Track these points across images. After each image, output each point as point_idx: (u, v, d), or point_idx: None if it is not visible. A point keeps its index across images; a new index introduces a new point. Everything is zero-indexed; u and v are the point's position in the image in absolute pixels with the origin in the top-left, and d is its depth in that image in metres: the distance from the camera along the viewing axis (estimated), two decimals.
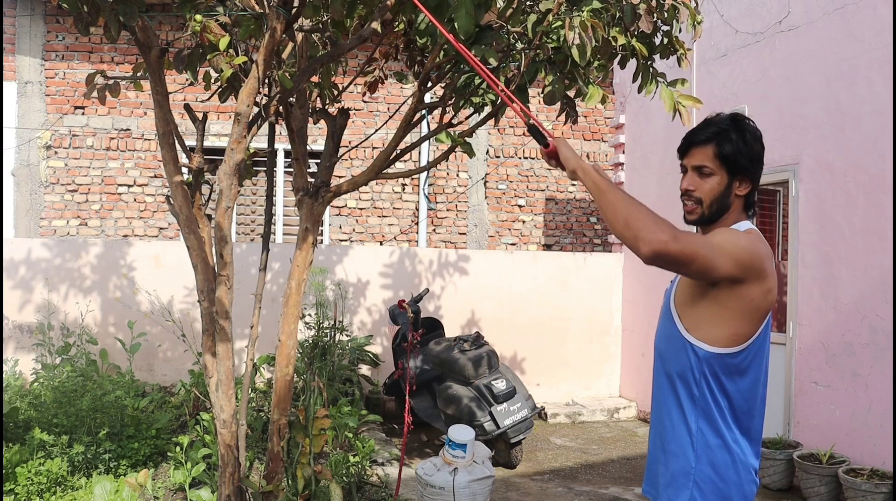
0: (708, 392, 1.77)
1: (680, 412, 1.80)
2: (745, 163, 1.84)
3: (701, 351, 1.76)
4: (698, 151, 1.85)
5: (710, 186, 1.85)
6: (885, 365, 4.40)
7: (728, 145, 1.83)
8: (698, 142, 1.86)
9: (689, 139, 1.87)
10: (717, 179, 1.84)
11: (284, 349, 3.22)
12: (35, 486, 3.81)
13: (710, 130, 1.84)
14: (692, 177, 1.86)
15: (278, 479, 3.25)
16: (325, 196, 3.22)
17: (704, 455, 1.77)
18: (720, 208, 1.86)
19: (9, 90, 7.16)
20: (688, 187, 1.87)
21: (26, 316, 6.11)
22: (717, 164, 1.83)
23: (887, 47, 4.44)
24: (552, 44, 2.82)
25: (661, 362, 1.88)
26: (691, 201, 1.87)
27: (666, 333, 1.87)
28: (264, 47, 2.58)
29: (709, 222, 1.88)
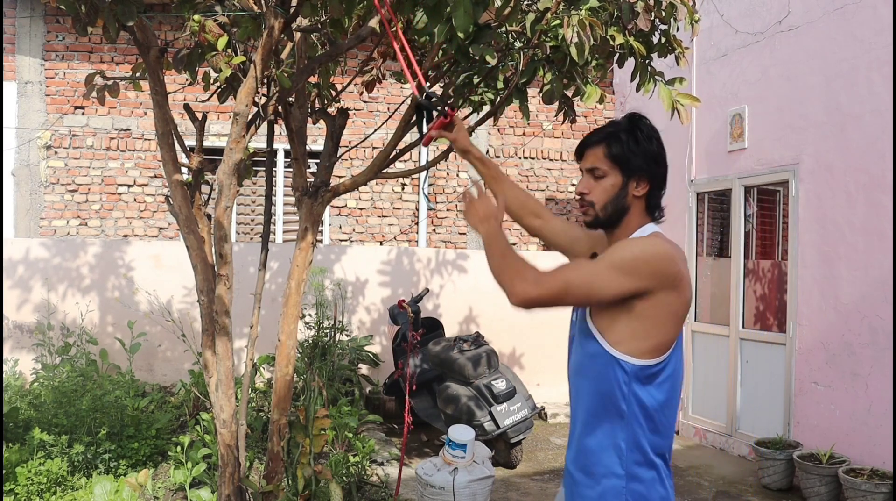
0: (637, 408, 1.71)
1: (608, 432, 1.73)
2: (638, 163, 1.82)
3: (628, 366, 1.70)
4: (590, 153, 1.86)
5: (603, 188, 1.84)
6: (885, 365, 4.40)
7: (617, 145, 1.82)
8: (590, 144, 1.86)
9: (582, 142, 1.88)
10: (610, 181, 1.83)
11: (284, 349, 3.22)
12: (35, 486, 3.82)
13: (602, 132, 1.85)
14: (586, 180, 1.86)
15: (278, 479, 3.25)
16: (325, 196, 3.22)
17: (634, 474, 1.71)
18: (616, 209, 1.84)
19: (9, 90, 7.16)
20: (581, 191, 1.87)
21: (25, 316, 6.11)
22: (609, 165, 1.82)
23: (887, 47, 4.44)
24: (551, 42, 2.82)
25: (583, 382, 1.80)
26: (585, 205, 1.86)
27: (587, 352, 1.78)
28: (262, 47, 2.58)
29: (607, 224, 1.87)
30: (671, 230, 6.38)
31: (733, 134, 5.67)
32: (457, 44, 2.63)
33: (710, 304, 6.10)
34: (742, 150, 5.59)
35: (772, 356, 5.31)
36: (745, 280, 5.65)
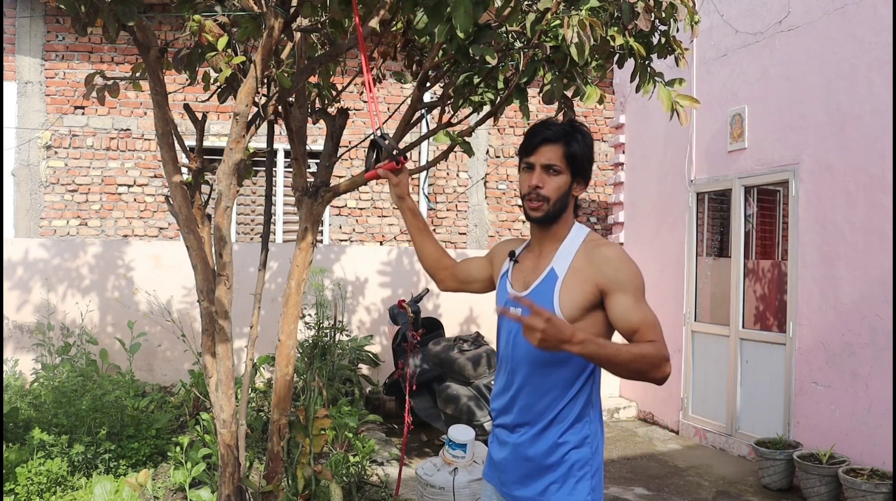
0: (596, 391, 1.94)
1: (578, 416, 1.89)
2: (585, 166, 1.92)
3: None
4: (548, 149, 1.88)
5: (558, 184, 1.90)
6: (885, 365, 4.40)
7: (575, 145, 1.89)
8: (549, 140, 1.88)
9: (539, 136, 1.88)
10: (563, 179, 1.90)
11: (284, 349, 3.22)
12: (35, 486, 3.82)
13: (558, 130, 1.88)
14: (540, 174, 1.89)
15: (278, 479, 3.25)
16: (325, 196, 3.22)
17: (599, 447, 1.93)
18: (562, 207, 1.92)
19: (9, 90, 7.16)
20: (537, 184, 1.89)
21: (25, 316, 6.11)
22: (564, 163, 1.88)
23: (887, 47, 4.44)
24: (551, 43, 2.82)
25: (547, 372, 1.88)
26: (538, 199, 1.89)
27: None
28: (262, 47, 2.58)
29: (551, 220, 1.93)
30: (671, 230, 6.39)
31: (733, 134, 5.67)
32: (457, 44, 2.63)
33: (710, 304, 6.10)
34: (742, 150, 5.59)
35: (772, 356, 5.31)
36: (745, 280, 5.65)
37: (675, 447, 5.89)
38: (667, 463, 5.43)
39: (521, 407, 1.93)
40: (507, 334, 1.98)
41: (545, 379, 1.89)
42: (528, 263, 2.01)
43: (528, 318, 1.63)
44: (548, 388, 1.89)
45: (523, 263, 2.01)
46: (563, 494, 1.87)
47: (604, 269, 1.86)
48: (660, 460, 5.52)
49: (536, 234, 2.00)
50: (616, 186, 7.36)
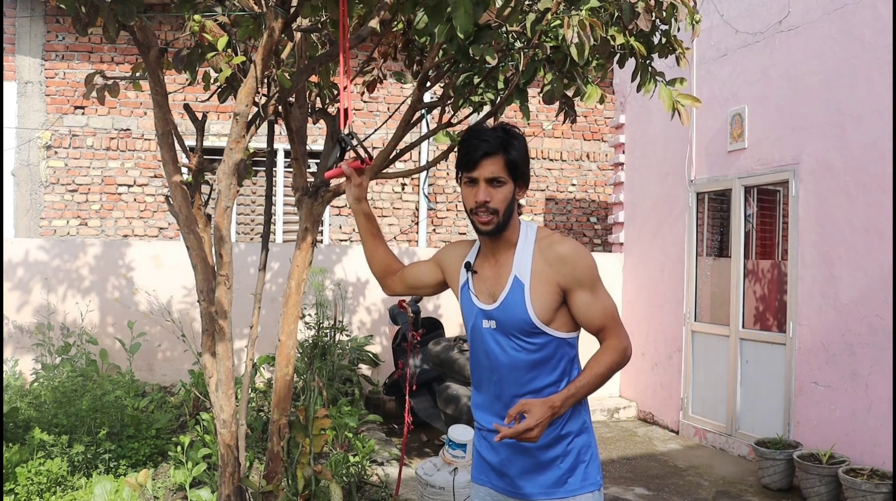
0: (578, 371, 1.98)
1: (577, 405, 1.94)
2: (524, 170, 1.92)
3: (573, 340, 1.97)
4: (490, 162, 1.87)
5: (504, 195, 1.90)
6: (885, 365, 4.40)
7: (514, 152, 1.88)
8: (489, 153, 1.86)
9: (479, 151, 1.87)
10: (508, 188, 1.90)
11: (284, 349, 3.22)
12: (35, 486, 3.82)
13: (495, 140, 1.87)
14: (486, 188, 1.87)
15: (278, 479, 3.25)
16: (325, 196, 3.22)
17: (592, 426, 2.02)
18: (510, 215, 1.92)
19: (9, 90, 7.16)
20: (485, 199, 1.87)
21: (25, 317, 6.11)
22: (506, 173, 1.88)
23: (887, 47, 4.44)
24: (551, 43, 2.82)
25: (535, 374, 1.93)
26: (487, 213, 1.89)
27: (533, 347, 1.92)
28: (262, 47, 2.58)
29: (502, 230, 1.93)
30: (671, 230, 6.39)
31: (733, 134, 5.67)
32: (457, 44, 2.63)
33: (710, 304, 6.10)
34: (742, 150, 5.59)
35: (772, 355, 5.31)
36: (745, 280, 5.65)
37: (675, 447, 5.90)
38: (667, 463, 5.43)
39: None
40: (483, 349, 1.99)
41: (535, 381, 1.93)
42: (486, 272, 2.00)
43: (522, 432, 1.74)
44: (541, 387, 1.92)
45: (482, 272, 2.00)
46: (578, 481, 1.93)
47: (560, 269, 1.90)
48: (660, 460, 5.52)
49: (488, 243, 1.99)
50: (616, 186, 7.36)
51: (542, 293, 1.90)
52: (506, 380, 1.95)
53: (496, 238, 1.95)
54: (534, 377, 1.93)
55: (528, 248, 1.95)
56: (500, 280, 1.96)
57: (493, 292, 1.96)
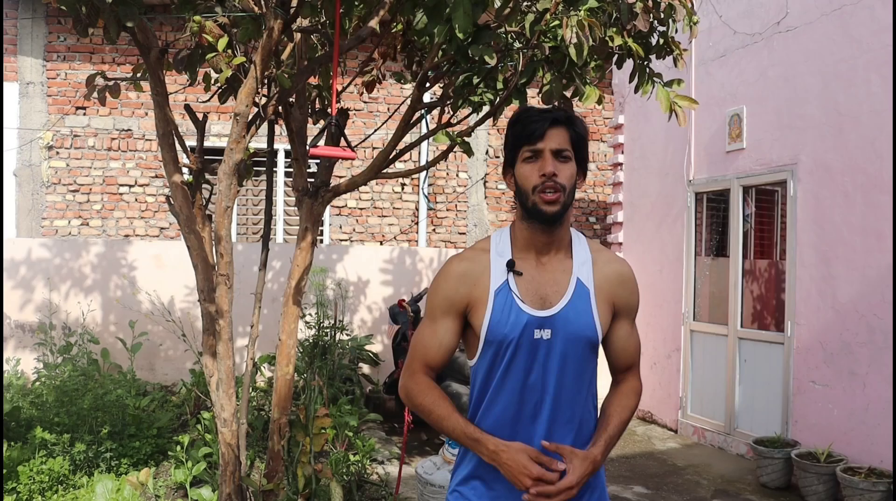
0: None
1: (593, 419, 1.77)
2: (586, 153, 1.68)
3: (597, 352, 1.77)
4: (557, 132, 1.61)
5: (571, 173, 1.63)
6: (883, 364, 4.42)
7: (579, 127, 1.65)
8: (558, 122, 1.62)
9: (546, 119, 1.61)
10: (573, 167, 1.64)
11: (285, 349, 3.24)
12: (37, 485, 3.83)
13: (559, 113, 1.64)
14: (552, 161, 1.60)
15: (279, 478, 3.27)
16: (325, 196, 3.24)
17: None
18: (572, 201, 1.66)
19: (10, 91, 7.18)
20: (553, 170, 1.59)
21: (27, 316, 6.13)
22: (571, 150, 1.63)
23: (885, 48, 4.45)
24: (550, 43, 2.84)
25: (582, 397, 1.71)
26: (555, 190, 1.60)
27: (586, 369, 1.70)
28: (262, 48, 2.59)
29: (563, 216, 1.64)
30: (670, 230, 6.41)
31: (732, 134, 5.69)
32: (456, 44, 2.65)
33: (709, 303, 6.12)
34: (740, 150, 5.61)
35: (770, 355, 5.33)
36: (744, 280, 5.67)
37: (674, 445, 5.91)
38: (665, 462, 5.45)
39: (559, 439, 1.67)
40: (526, 368, 1.66)
41: (582, 409, 1.71)
42: (531, 273, 1.68)
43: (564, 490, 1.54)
44: (584, 418, 1.72)
45: (527, 274, 1.67)
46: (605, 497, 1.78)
47: (620, 291, 1.71)
48: (658, 459, 5.54)
49: (538, 236, 1.67)
50: (615, 186, 7.38)
51: (603, 308, 1.68)
52: (555, 408, 1.66)
53: (553, 231, 1.65)
54: (582, 403, 1.70)
55: (585, 253, 1.71)
56: (558, 283, 1.67)
57: (546, 297, 1.66)
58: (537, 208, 1.61)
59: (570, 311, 1.65)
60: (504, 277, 1.66)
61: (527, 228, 1.67)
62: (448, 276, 1.71)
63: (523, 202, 1.64)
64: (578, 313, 1.65)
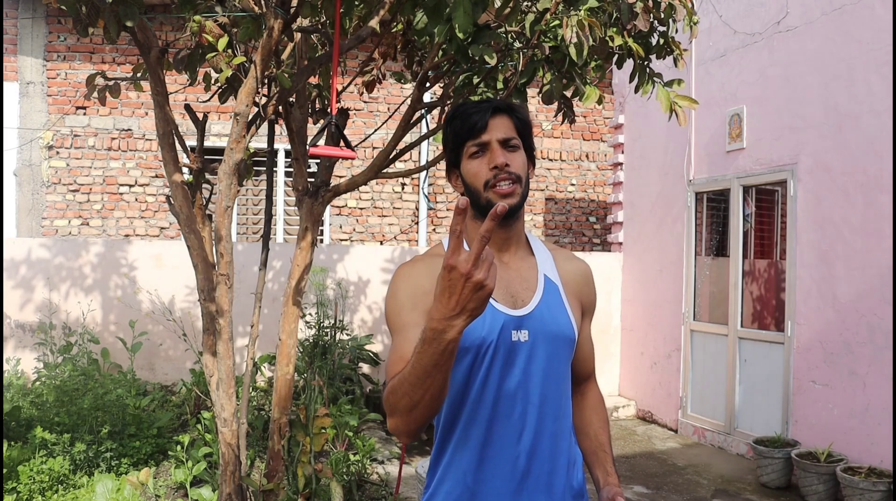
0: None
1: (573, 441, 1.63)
2: (532, 140, 1.55)
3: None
4: (500, 121, 1.49)
5: (523, 161, 1.49)
6: (883, 364, 4.42)
7: (521, 114, 1.52)
8: (499, 110, 1.49)
9: (486, 111, 1.48)
10: (524, 156, 1.51)
11: (285, 348, 3.24)
12: (37, 484, 3.84)
13: (499, 102, 1.52)
14: (501, 151, 1.46)
15: (279, 478, 3.27)
16: (325, 196, 3.24)
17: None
18: (527, 193, 1.51)
19: (11, 91, 7.18)
20: (503, 161, 1.44)
21: (27, 315, 6.13)
22: (517, 138, 1.51)
23: (885, 48, 4.45)
24: (550, 43, 2.84)
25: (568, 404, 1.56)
26: (510, 181, 1.45)
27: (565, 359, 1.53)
28: (262, 47, 2.60)
29: (521, 208, 1.51)
30: (670, 230, 6.41)
31: (732, 134, 5.69)
32: (456, 44, 2.65)
33: (709, 303, 6.12)
34: (740, 150, 5.61)
35: (770, 354, 5.33)
36: (744, 280, 5.67)
37: (674, 445, 5.91)
38: (666, 462, 5.45)
39: (546, 452, 1.50)
40: (504, 375, 1.47)
41: (567, 418, 1.56)
42: (499, 272, 1.49)
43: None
44: (569, 428, 1.57)
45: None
46: None
47: (583, 288, 1.60)
48: (659, 458, 5.54)
49: (496, 236, 1.51)
50: (615, 185, 7.38)
51: (574, 306, 1.56)
52: (540, 420, 1.48)
53: (510, 226, 1.52)
54: (566, 416, 1.53)
55: (545, 250, 1.59)
56: (529, 282, 1.52)
57: (516, 294, 1.50)
58: (490, 205, 1.43)
59: (545, 309, 1.49)
60: None
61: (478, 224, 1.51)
62: (406, 278, 1.50)
63: (476, 201, 1.48)
64: (553, 310, 1.50)
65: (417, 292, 1.46)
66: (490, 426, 1.47)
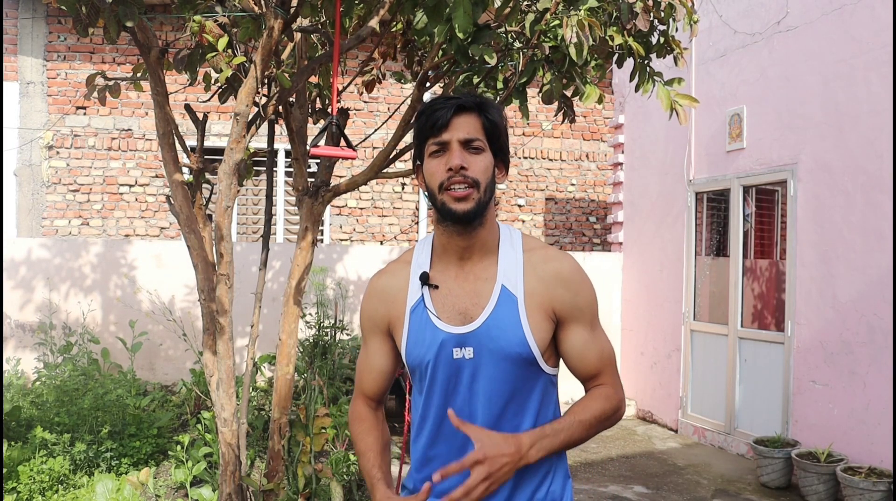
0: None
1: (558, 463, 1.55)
2: (504, 142, 1.49)
3: (555, 379, 1.55)
4: (464, 120, 1.42)
5: (485, 165, 1.43)
6: (883, 364, 4.42)
7: (492, 114, 1.45)
8: (464, 109, 1.43)
9: (450, 108, 1.42)
10: (488, 158, 1.44)
11: (285, 348, 3.24)
12: (37, 484, 3.84)
13: (467, 98, 1.45)
14: (461, 153, 1.40)
15: (279, 477, 3.27)
16: (325, 196, 3.24)
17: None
18: (490, 197, 1.45)
19: (11, 90, 7.18)
20: (460, 163, 1.39)
21: (28, 315, 6.14)
22: (483, 139, 1.44)
23: (885, 47, 4.45)
24: (550, 43, 2.84)
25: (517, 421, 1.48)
26: (465, 184, 1.40)
27: (519, 386, 1.47)
28: (262, 47, 2.60)
29: (479, 215, 1.43)
30: (670, 230, 6.41)
31: (732, 134, 5.69)
32: (456, 44, 2.65)
33: (709, 303, 6.12)
34: (741, 150, 5.61)
35: (770, 354, 5.33)
36: (744, 279, 5.67)
37: (674, 445, 5.91)
38: (666, 462, 5.45)
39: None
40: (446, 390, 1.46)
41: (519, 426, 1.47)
42: (452, 285, 1.48)
43: (476, 484, 1.29)
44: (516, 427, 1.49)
45: (445, 286, 1.48)
46: None
47: (559, 293, 1.46)
48: (659, 458, 5.54)
49: (457, 242, 1.46)
50: (615, 185, 7.38)
51: (538, 319, 1.45)
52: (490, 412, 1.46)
53: (471, 233, 1.45)
54: (523, 429, 1.46)
55: (515, 255, 1.49)
56: (479, 293, 1.46)
57: (466, 311, 1.46)
58: (447, 208, 1.41)
59: (493, 324, 1.43)
60: (419, 292, 1.48)
61: (443, 232, 1.47)
62: (369, 294, 1.57)
63: (433, 203, 1.44)
64: (503, 325, 1.43)
65: (376, 317, 1.56)
66: (433, 445, 1.48)
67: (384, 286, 1.55)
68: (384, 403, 1.67)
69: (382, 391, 1.63)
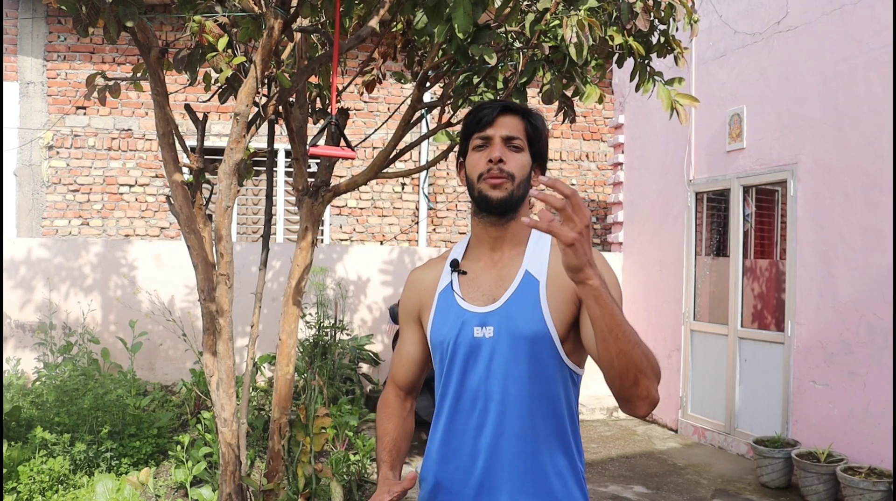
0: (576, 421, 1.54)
1: (565, 453, 1.50)
2: (544, 150, 1.59)
3: (578, 379, 1.52)
4: (508, 120, 1.53)
5: (521, 163, 1.53)
6: (883, 364, 4.42)
7: (535, 121, 1.56)
8: (507, 110, 1.54)
9: (497, 108, 1.53)
10: (526, 158, 1.54)
11: (285, 348, 3.24)
12: (37, 484, 3.84)
13: (514, 104, 1.56)
14: (501, 148, 1.51)
15: (279, 478, 3.27)
16: (325, 196, 3.24)
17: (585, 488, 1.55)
18: (524, 193, 1.53)
19: (11, 90, 7.18)
20: (501, 156, 1.49)
21: (27, 316, 6.14)
22: (524, 140, 1.54)
23: (885, 47, 4.45)
24: (550, 43, 2.84)
25: (543, 407, 1.47)
26: (503, 175, 1.49)
27: (542, 372, 1.46)
28: (262, 47, 2.60)
29: (512, 208, 1.52)
30: (670, 230, 6.41)
31: (732, 134, 5.69)
32: (456, 44, 2.65)
33: (709, 303, 6.12)
34: (741, 150, 5.61)
35: (770, 354, 5.33)
36: (744, 279, 5.67)
37: (674, 445, 5.91)
38: (666, 462, 5.45)
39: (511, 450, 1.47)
40: (466, 370, 1.50)
41: (541, 424, 1.47)
42: (481, 273, 1.56)
43: (569, 207, 1.17)
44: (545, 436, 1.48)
45: (474, 273, 1.56)
46: None
47: None
48: (659, 458, 5.54)
49: (489, 234, 1.56)
50: (615, 185, 7.38)
51: (559, 301, 1.46)
52: (501, 417, 1.47)
53: (503, 225, 1.54)
54: (543, 418, 1.46)
55: (543, 245, 1.56)
56: (504, 280, 1.52)
57: (490, 292, 1.52)
58: (483, 195, 1.50)
59: (514, 304, 1.47)
60: (449, 278, 1.58)
61: (478, 223, 1.57)
62: (406, 286, 1.69)
63: (472, 194, 1.55)
64: (523, 306, 1.46)
65: (409, 305, 1.66)
66: (451, 422, 1.52)
67: (420, 277, 1.67)
68: (414, 394, 1.71)
69: (412, 379, 1.68)
